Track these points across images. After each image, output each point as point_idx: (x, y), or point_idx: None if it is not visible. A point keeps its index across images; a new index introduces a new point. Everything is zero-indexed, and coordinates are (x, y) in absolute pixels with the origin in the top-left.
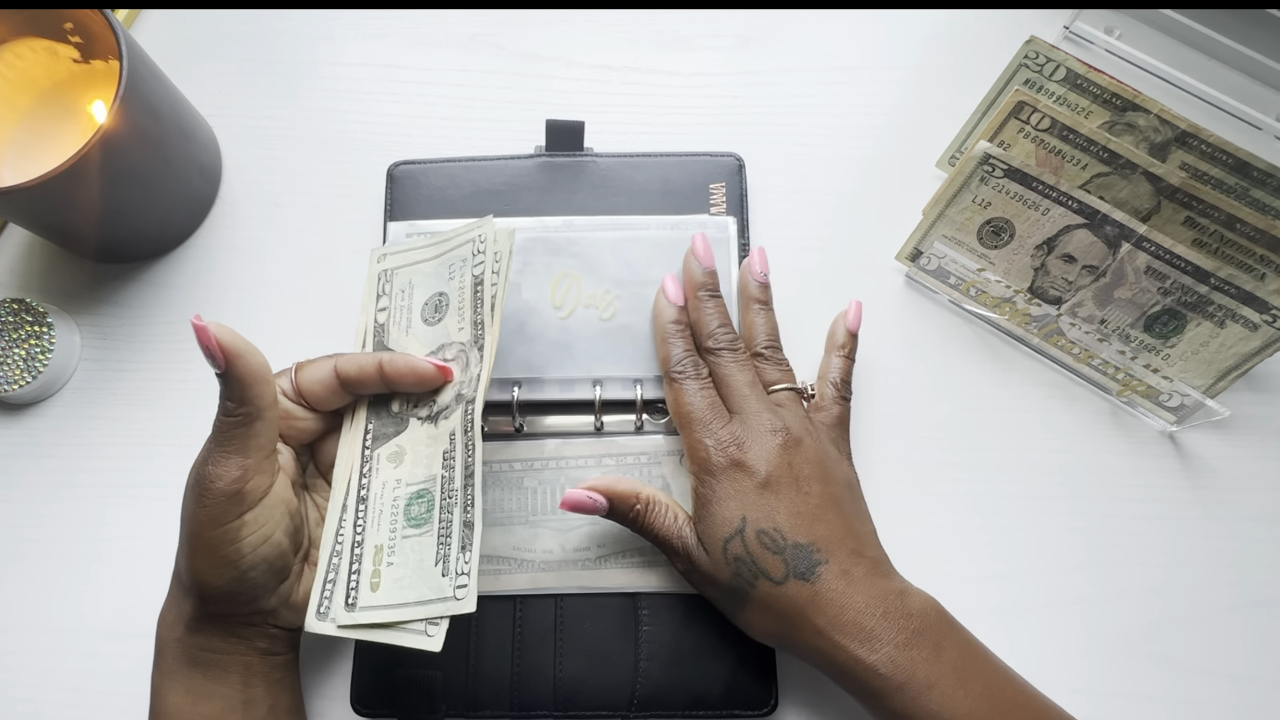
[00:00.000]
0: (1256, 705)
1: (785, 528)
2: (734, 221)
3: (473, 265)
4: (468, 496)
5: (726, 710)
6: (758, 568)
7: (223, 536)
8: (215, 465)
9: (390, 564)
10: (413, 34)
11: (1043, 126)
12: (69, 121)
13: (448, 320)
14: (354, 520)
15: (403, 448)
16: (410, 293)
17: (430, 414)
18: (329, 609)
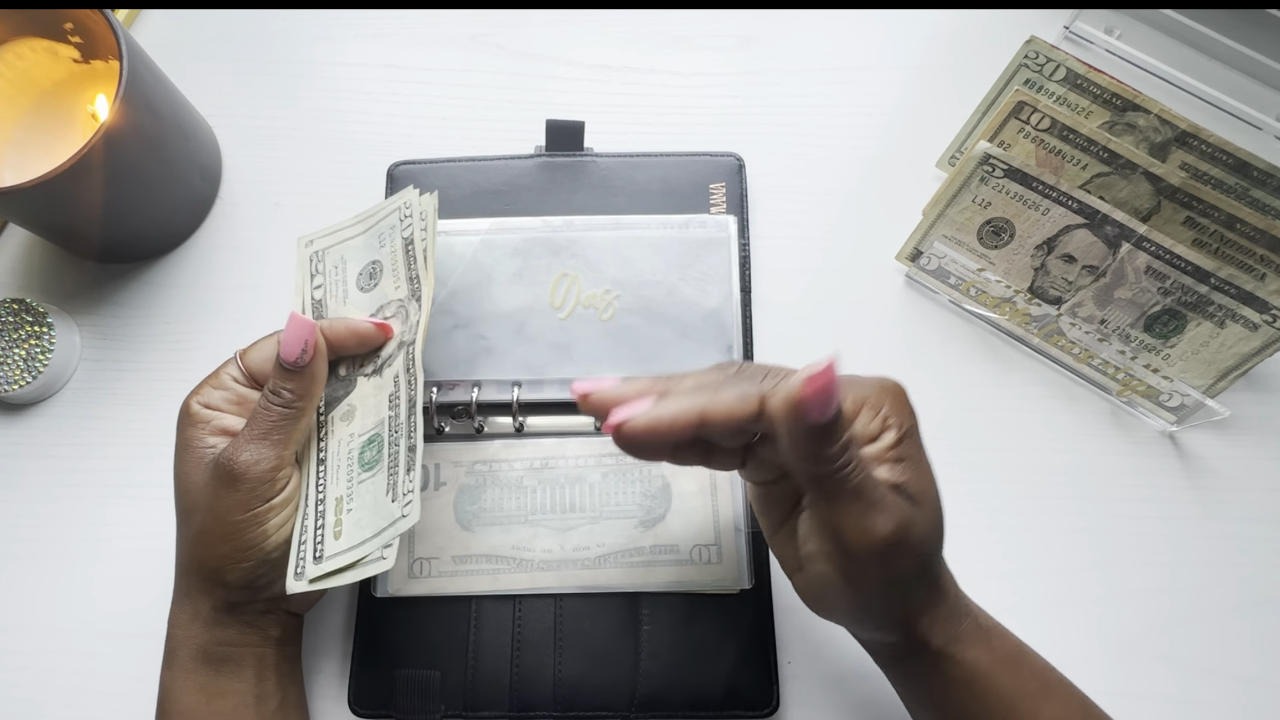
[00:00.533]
0: (1258, 705)
1: (937, 496)
2: (734, 221)
3: (401, 230)
4: (410, 425)
5: (727, 711)
6: (919, 546)
7: (250, 521)
8: (252, 453)
9: (350, 510)
10: (413, 34)
11: (1043, 126)
12: (69, 121)
13: (383, 283)
14: (315, 481)
15: (353, 405)
16: (343, 267)
17: (375, 368)
18: (303, 569)
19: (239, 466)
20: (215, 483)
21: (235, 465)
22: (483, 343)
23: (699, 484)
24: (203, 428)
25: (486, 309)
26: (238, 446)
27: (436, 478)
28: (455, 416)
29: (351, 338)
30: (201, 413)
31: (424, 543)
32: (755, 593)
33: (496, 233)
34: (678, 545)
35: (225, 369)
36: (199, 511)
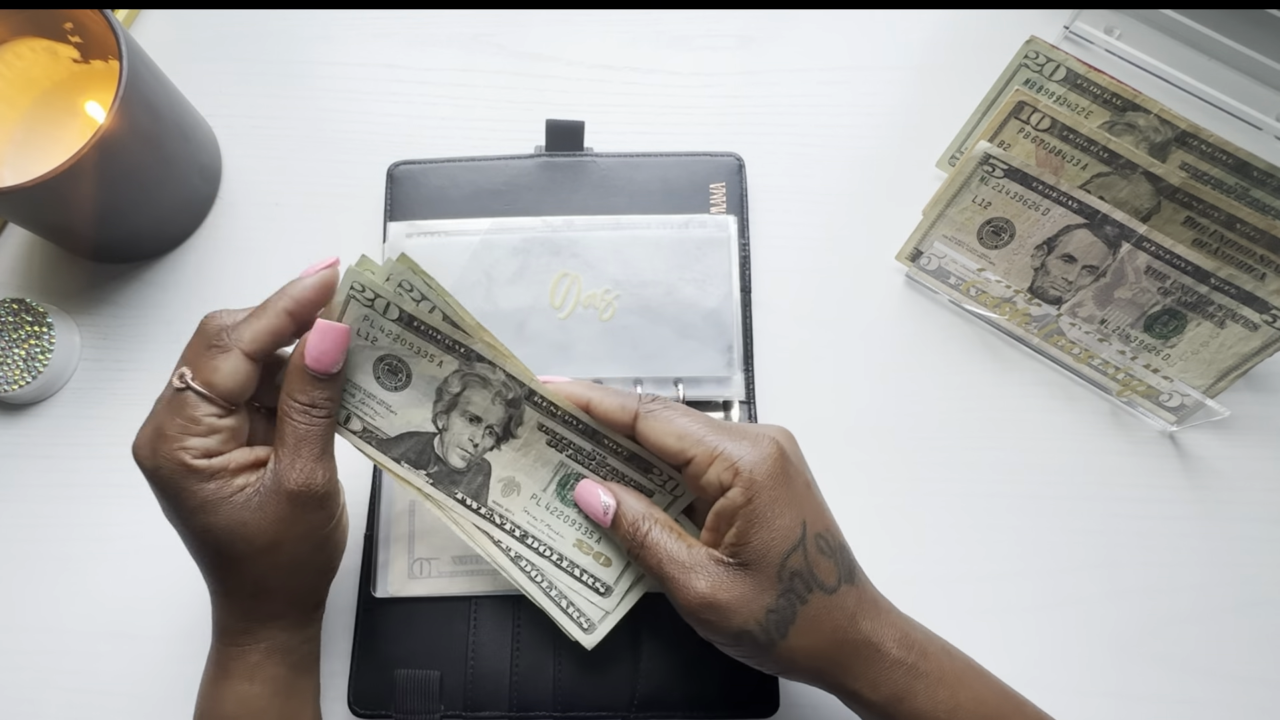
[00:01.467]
0: (1257, 705)
1: (831, 528)
2: (734, 221)
3: (383, 316)
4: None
5: (727, 711)
6: (814, 579)
7: (336, 527)
8: (322, 470)
9: (598, 539)
10: (413, 34)
11: (1043, 126)
12: (69, 121)
13: (418, 369)
14: (536, 554)
15: (506, 477)
16: (353, 384)
17: (495, 437)
18: (589, 621)
19: (320, 487)
20: (298, 511)
21: (316, 487)
22: None
23: None
24: (220, 478)
25: (486, 309)
26: (307, 469)
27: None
28: None
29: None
30: (209, 465)
31: (424, 543)
32: None
33: (496, 233)
34: None
35: (188, 409)
36: (284, 544)
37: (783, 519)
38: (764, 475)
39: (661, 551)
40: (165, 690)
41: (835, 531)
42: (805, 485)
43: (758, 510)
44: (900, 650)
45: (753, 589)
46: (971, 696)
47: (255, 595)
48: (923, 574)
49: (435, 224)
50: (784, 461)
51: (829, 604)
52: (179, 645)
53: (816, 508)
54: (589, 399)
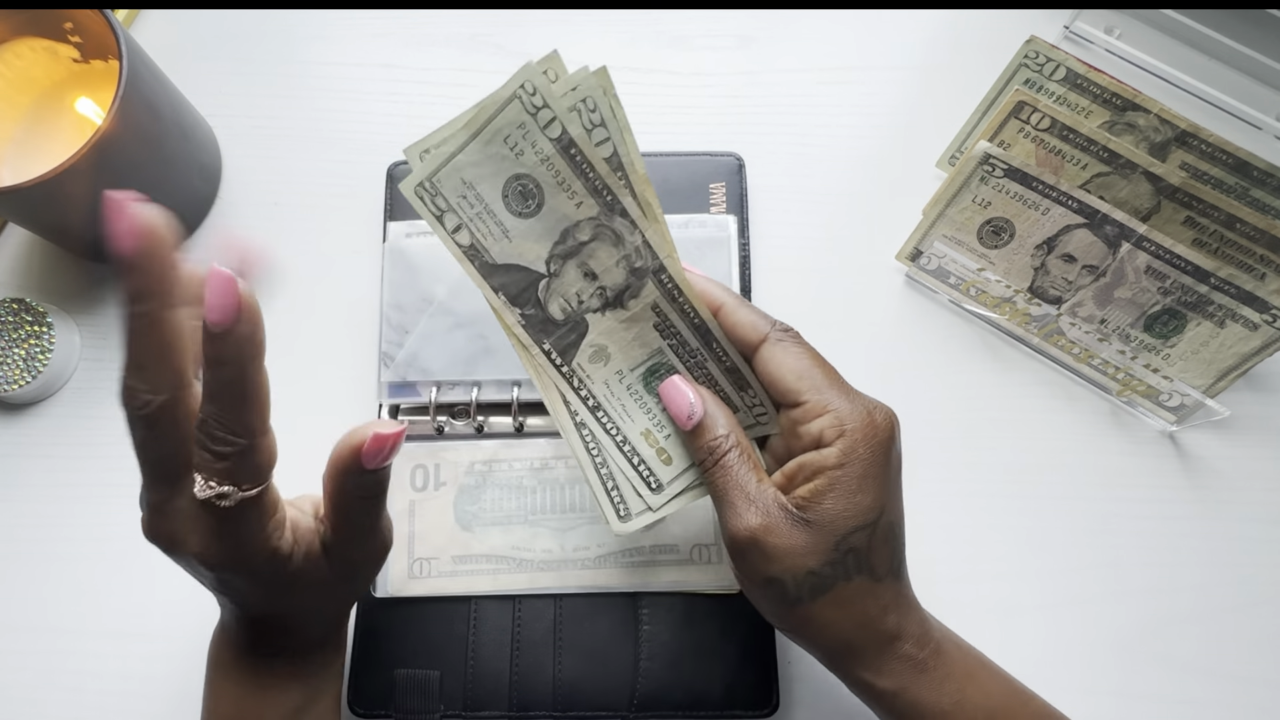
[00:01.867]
0: (1257, 705)
1: (902, 520)
2: (734, 221)
3: (542, 130)
4: (720, 348)
5: (727, 711)
6: (868, 561)
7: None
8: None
9: (667, 435)
10: (413, 34)
11: (1043, 126)
12: (69, 121)
13: (553, 203)
14: (601, 428)
15: (598, 345)
16: (476, 193)
17: (604, 301)
18: (627, 509)
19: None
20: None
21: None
22: (483, 342)
23: None
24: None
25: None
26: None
27: (436, 477)
28: (455, 416)
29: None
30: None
31: (424, 543)
32: None
33: None
34: (678, 545)
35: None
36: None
37: (866, 496)
38: (866, 448)
39: (732, 475)
40: (165, 690)
41: (902, 523)
42: (897, 471)
43: (846, 478)
44: (914, 647)
45: (804, 545)
46: (978, 691)
47: (283, 631)
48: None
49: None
50: (890, 442)
51: (868, 590)
52: (179, 645)
53: (898, 494)
54: (722, 303)
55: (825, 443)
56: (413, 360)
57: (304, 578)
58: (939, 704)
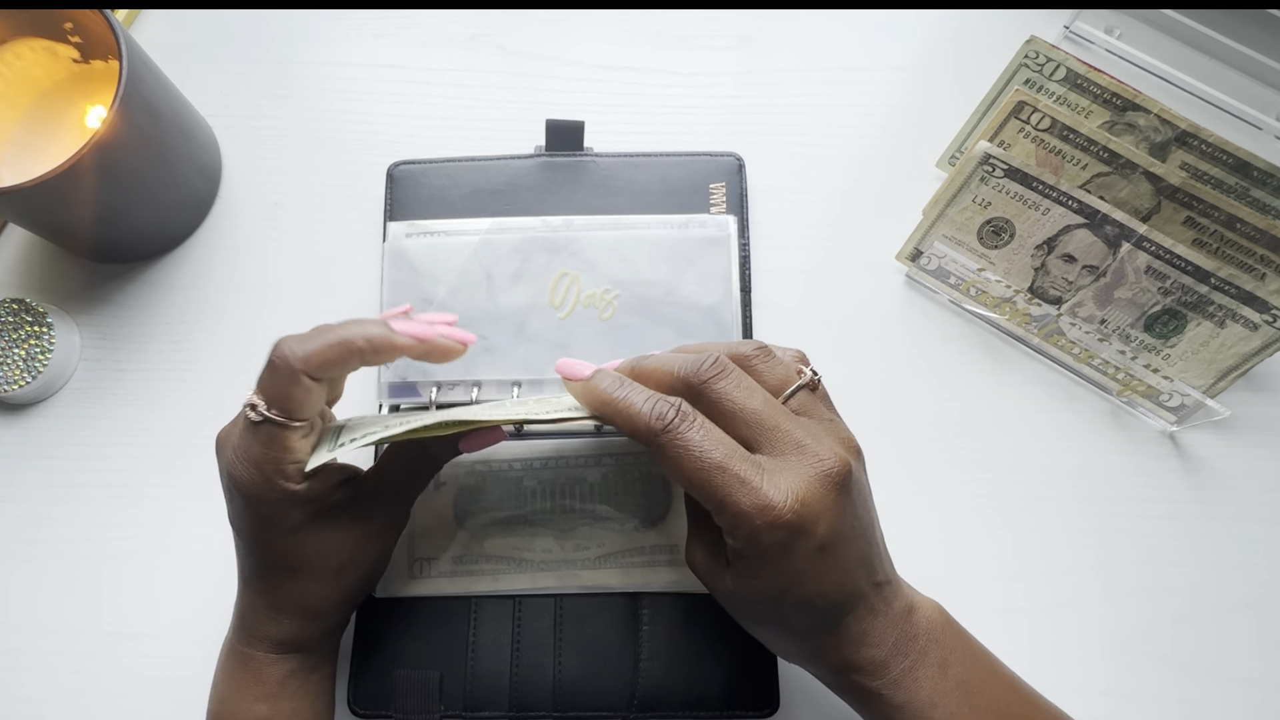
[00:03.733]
0: (1257, 705)
1: (828, 592)
2: (734, 221)
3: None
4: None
5: (727, 711)
6: (782, 620)
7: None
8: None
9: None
10: (413, 34)
11: (1043, 126)
12: (69, 121)
13: None
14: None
15: None
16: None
17: None
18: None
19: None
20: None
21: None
22: (483, 342)
23: None
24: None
25: (486, 309)
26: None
27: (436, 478)
28: None
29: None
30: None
31: (424, 543)
32: None
33: (496, 232)
34: (678, 545)
35: (276, 440)
36: (356, 567)
37: (764, 581)
38: (752, 545)
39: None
40: (165, 690)
41: (833, 593)
42: (813, 550)
43: (741, 564)
44: (866, 677)
45: (730, 592)
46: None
47: (308, 612)
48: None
49: (435, 224)
50: (790, 532)
51: (796, 635)
52: (179, 645)
53: (819, 570)
54: (611, 399)
55: (725, 531)
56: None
57: (340, 528)
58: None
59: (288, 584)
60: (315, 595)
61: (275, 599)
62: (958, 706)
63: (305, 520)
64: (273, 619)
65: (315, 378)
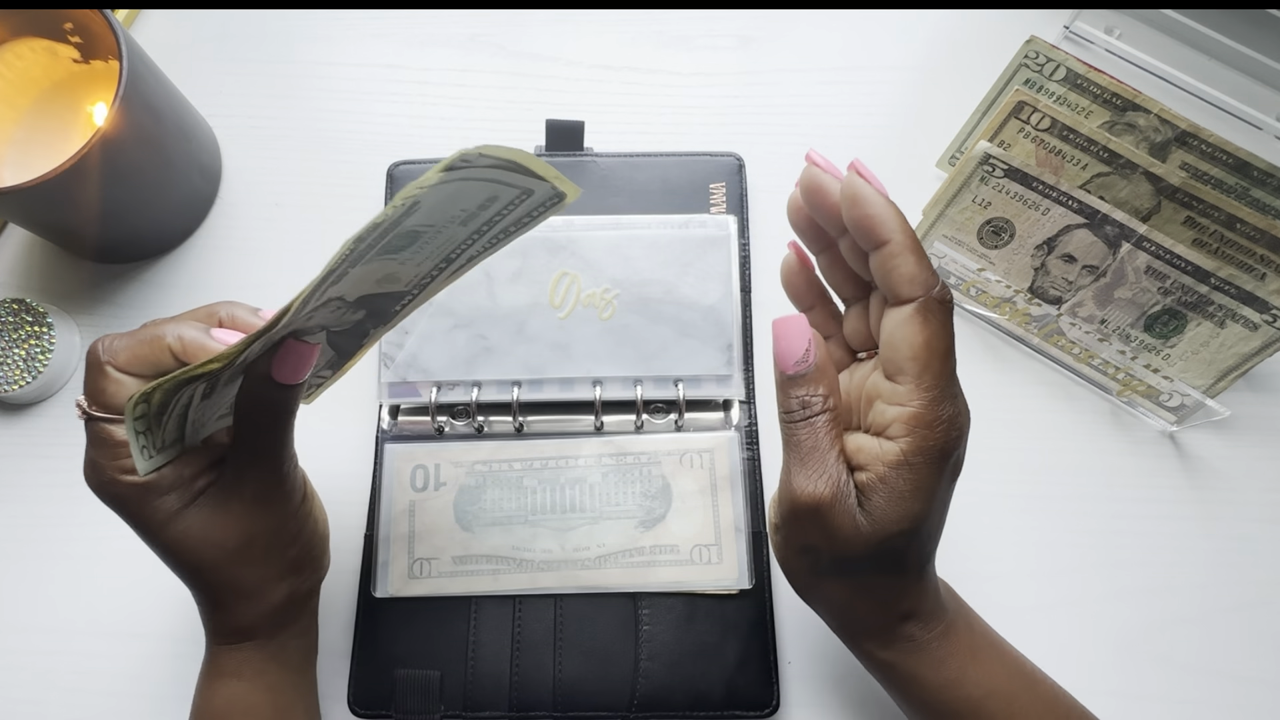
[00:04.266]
0: (1257, 705)
1: (942, 524)
2: (734, 221)
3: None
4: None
5: (727, 711)
6: (902, 563)
7: (308, 520)
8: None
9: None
10: (413, 34)
11: (1043, 126)
12: (69, 121)
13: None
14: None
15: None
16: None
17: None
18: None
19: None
20: (260, 508)
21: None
22: (482, 342)
23: (699, 484)
24: (178, 489)
25: (486, 308)
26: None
27: (436, 478)
28: (455, 416)
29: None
30: (163, 478)
31: (424, 543)
32: (755, 593)
33: None
34: (678, 545)
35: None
36: (255, 539)
37: (915, 504)
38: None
39: (819, 437)
40: (165, 690)
41: (942, 526)
42: (951, 479)
43: (898, 482)
44: (920, 628)
45: (852, 534)
46: (981, 670)
47: (236, 596)
48: None
49: None
50: (947, 455)
51: (891, 582)
52: (179, 645)
53: (946, 503)
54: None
55: (890, 436)
56: (413, 360)
57: (218, 510)
58: (936, 679)
59: (202, 574)
60: (231, 578)
61: (204, 593)
62: (990, 658)
63: (179, 509)
64: (213, 612)
65: (126, 371)
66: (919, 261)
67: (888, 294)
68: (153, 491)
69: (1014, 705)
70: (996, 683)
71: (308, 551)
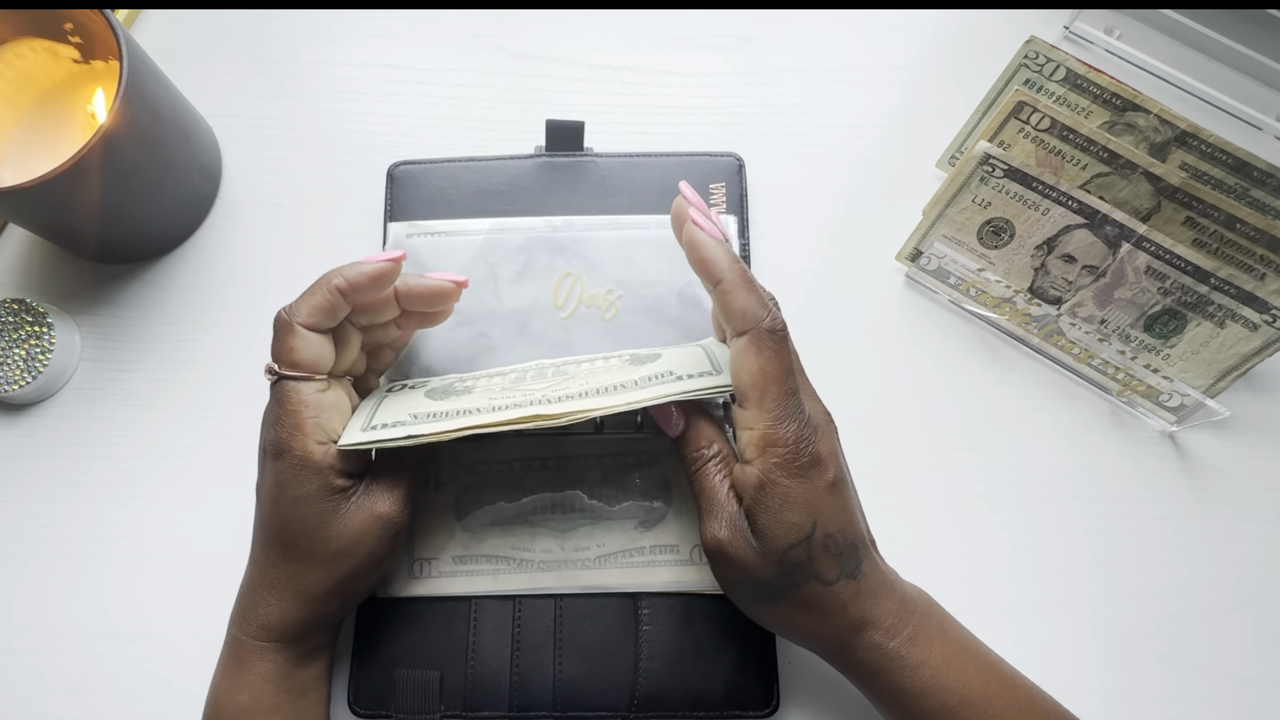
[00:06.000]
0: (1256, 705)
1: (845, 528)
2: (734, 221)
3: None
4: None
5: (727, 711)
6: (814, 570)
7: (392, 560)
8: (403, 504)
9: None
10: (413, 34)
11: (1043, 126)
12: (69, 121)
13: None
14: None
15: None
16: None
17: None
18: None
19: (399, 522)
20: (377, 532)
21: (396, 520)
22: (485, 341)
23: None
24: (328, 473)
25: (490, 307)
26: (396, 501)
27: (436, 478)
28: None
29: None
30: (326, 454)
31: (424, 543)
32: None
33: (498, 232)
34: (678, 545)
35: (293, 395)
36: (353, 556)
37: (792, 514)
38: (783, 471)
39: (708, 483)
40: (165, 690)
41: (848, 530)
42: (828, 484)
43: (768, 499)
44: (883, 635)
45: (754, 560)
46: (955, 676)
47: (299, 597)
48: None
49: (436, 224)
50: (812, 462)
51: (823, 593)
52: (180, 645)
53: (835, 507)
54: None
55: (748, 459)
56: (414, 359)
57: (341, 515)
58: (909, 687)
59: (285, 562)
60: (306, 577)
61: (271, 575)
62: (964, 664)
63: (314, 492)
64: (264, 598)
65: (310, 327)
66: (749, 296)
67: (727, 328)
68: (311, 465)
69: (989, 711)
70: (971, 689)
71: (370, 588)
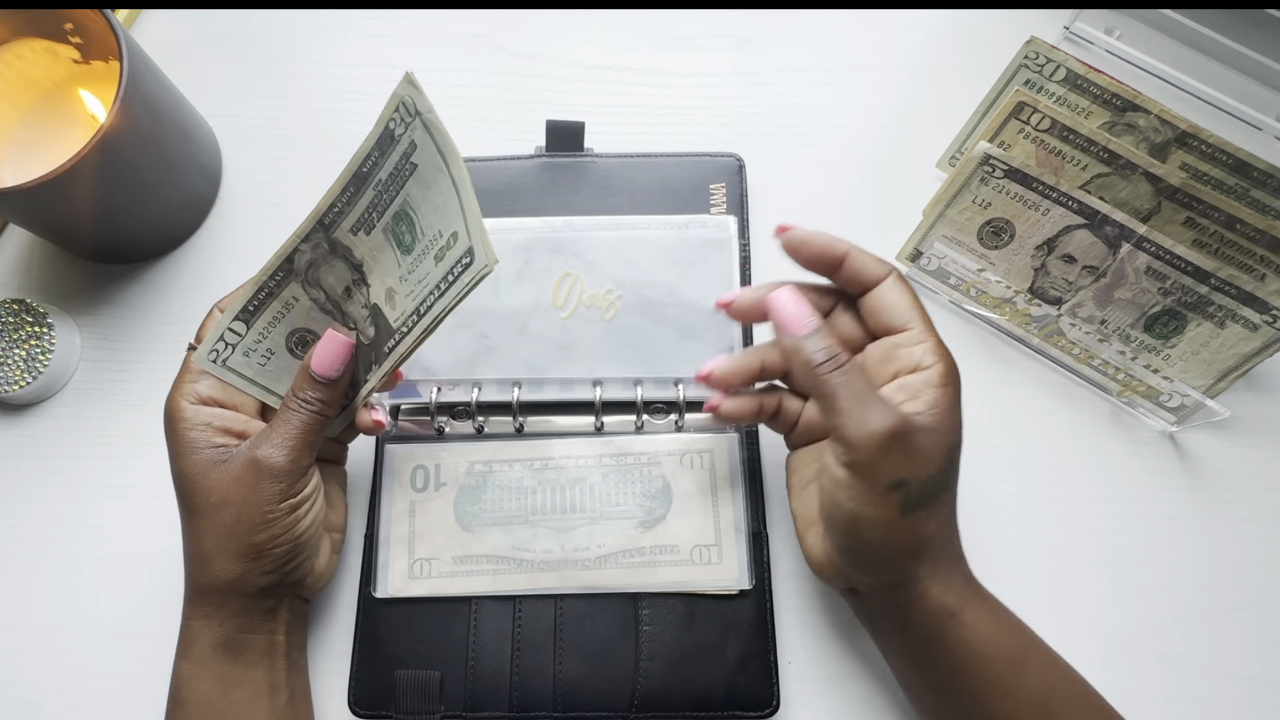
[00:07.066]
0: (1257, 705)
1: (959, 444)
2: (734, 221)
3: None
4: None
5: (727, 711)
6: (955, 477)
7: (286, 511)
8: (289, 454)
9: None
10: (412, 34)
11: (1043, 127)
12: (69, 121)
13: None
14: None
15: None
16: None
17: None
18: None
19: (278, 465)
20: (251, 478)
21: (274, 464)
22: (484, 341)
23: (699, 484)
24: (203, 429)
25: (489, 307)
26: (274, 446)
27: (436, 478)
28: (455, 416)
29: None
30: (199, 413)
31: (424, 543)
32: (755, 593)
33: (498, 232)
34: (678, 545)
35: (188, 363)
36: (230, 505)
37: (958, 415)
38: (955, 376)
39: (862, 379)
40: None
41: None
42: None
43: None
44: (969, 572)
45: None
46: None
47: (194, 557)
48: None
49: None
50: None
51: (951, 505)
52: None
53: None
54: (845, 252)
55: (926, 365)
56: (414, 359)
57: (217, 465)
58: (994, 636)
59: (186, 524)
60: (196, 535)
61: (184, 544)
62: (1005, 610)
63: (190, 445)
64: (187, 569)
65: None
66: (873, 256)
67: (865, 285)
68: (184, 421)
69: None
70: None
71: (274, 546)
